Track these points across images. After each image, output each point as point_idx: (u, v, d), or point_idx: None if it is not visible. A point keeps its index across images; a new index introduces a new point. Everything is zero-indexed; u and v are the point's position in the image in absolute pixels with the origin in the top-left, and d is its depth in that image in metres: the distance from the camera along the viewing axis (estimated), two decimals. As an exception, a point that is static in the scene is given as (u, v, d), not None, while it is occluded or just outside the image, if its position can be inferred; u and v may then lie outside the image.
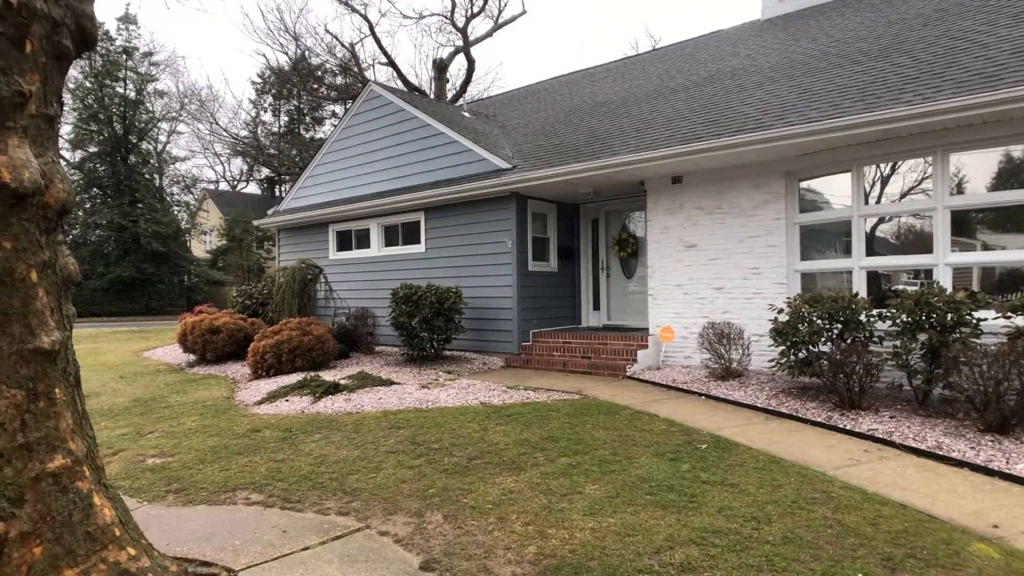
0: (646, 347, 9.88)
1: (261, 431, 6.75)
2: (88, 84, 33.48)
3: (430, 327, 10.26)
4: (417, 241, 12.59)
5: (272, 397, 8.29)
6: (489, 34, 30.13)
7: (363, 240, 13.80)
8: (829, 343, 7.49)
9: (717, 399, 7.79)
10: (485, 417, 6.95)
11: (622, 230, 12.23)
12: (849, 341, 7.38)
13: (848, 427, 6.34)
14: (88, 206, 34.58)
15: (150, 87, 36.78)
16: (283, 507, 4.70)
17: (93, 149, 34.74)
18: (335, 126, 14.11)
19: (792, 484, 4.83)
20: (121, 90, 34.89)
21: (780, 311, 7.95)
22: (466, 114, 15.21)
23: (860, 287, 8.36)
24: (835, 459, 5.49)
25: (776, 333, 7.80)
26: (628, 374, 9.38)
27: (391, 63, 30.30)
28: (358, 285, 13.64)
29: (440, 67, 29.48)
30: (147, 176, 36.63)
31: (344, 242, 14.34)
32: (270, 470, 5.47)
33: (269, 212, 15.93)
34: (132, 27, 34.44)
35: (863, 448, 5.82)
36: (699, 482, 4.89)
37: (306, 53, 33.76)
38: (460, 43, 29.72)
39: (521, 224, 11.12)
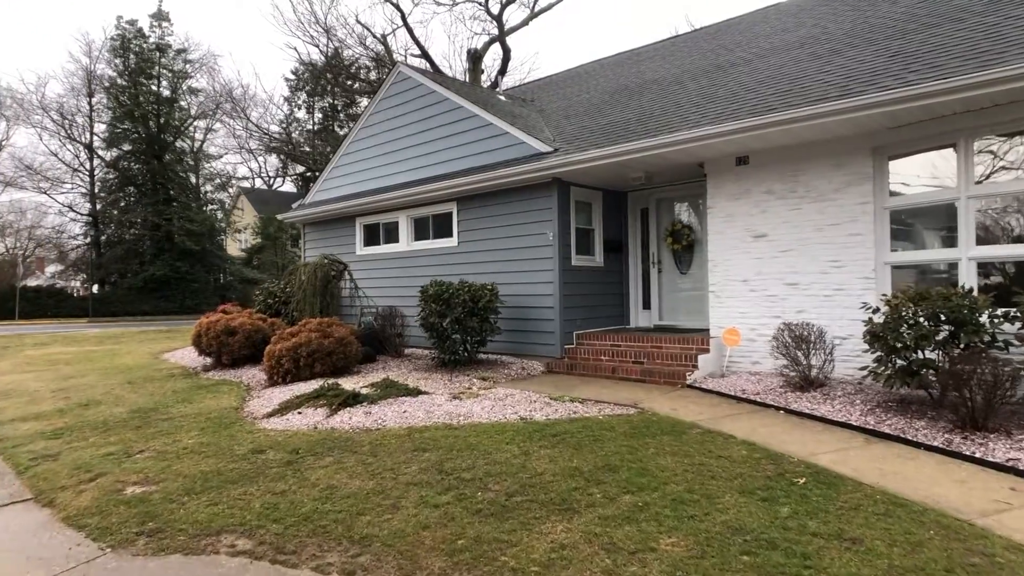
0: (707, 351, 8.68)
1: (264, 452, 5.77)
2: (122, 82, 33.35)
3: (463, 328, 9.21)
4: (449, 234, 11.57)
5: (284, 408, 7.33)
6: (525, 23, 29.05)
7: (391, 234, 12.84)
8: (937, 349, 6.22)
9: (800, 415, 6.58)
10: (526, 437, 5.86)
11: (676, 220, 11.01)
12: (963, 346, 6.11)
13: (977, 454, 5.10)
14: (122, 204, 34.53)
15: (184, 85, 36.55)
16: (273, 560, 3.70)
17: (127, 147, 34.63)
18: (361, 113, 13.23)
19: (935, 540, 3.64)
20: (155, 88, 34.71)
21: (875, 310, 6.70)
22: (501, 97, 14.15)
23: (969, 282, 7.04)
24: (975, 501, 4.28)
25: (872, 337, 6.55)
26: (688, 382, 8.20)
27: (424, 54, 29.44)
28: (386, 282, 12.68)
29: (475, 57, 28.49)
30: (181, 174, 36.44)
31: (371, 236, 13.39)
32: (266, 506, 4.47)
33: (294, 206, 15.10)
34: (165, 24, 34.26)
35: (1007, 484, 4.58)
36: (808, 534, 3.74)
37: (338, 48, 33.16)
38: (495, 32, 28.70)
39: (563, 214, 10.00)
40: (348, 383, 8.47)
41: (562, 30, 62.67)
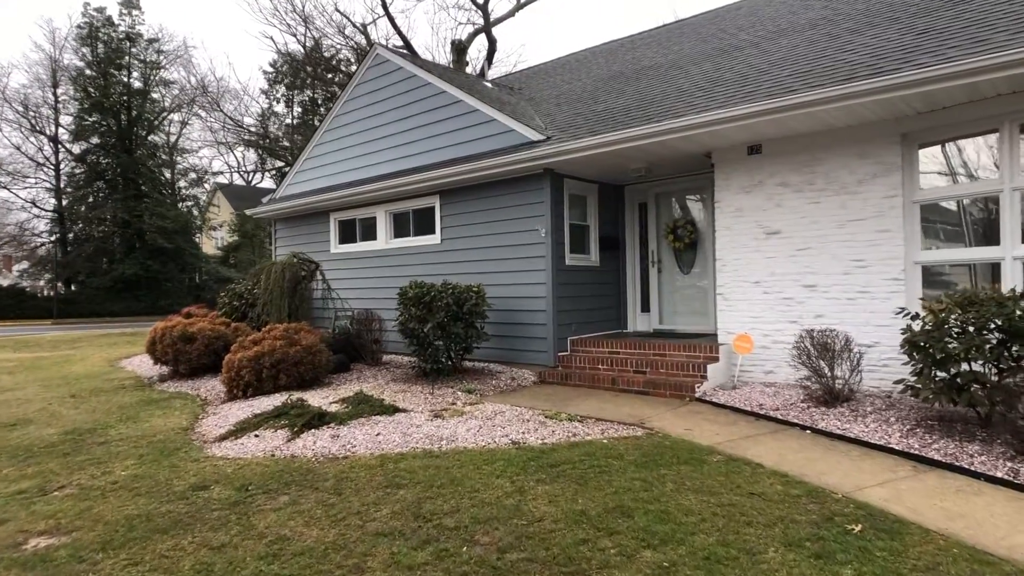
0: (716, 360, 7.85)
1: (208, 488, 4.84)
2: (90, 73, 31.95)
3: (446, 334, 8.31)
4: (431, 231, 10.65)
5: (239, 430, 6.39)
6: (511, 13, 28.10)
7: (368, 230, 11.89)
8: (987, 362, 5.43)
9: (830, 435, 5.77)
10: (520, 468, 4.97)
11: (678, 217, 10.18)
12: (1016, 358, 5.33)
13: (1054, 489, 4.31)
14: (90, 200, 33.11)
15: (157, 76, 35.19)
16: (195, 656, 2.79)
17: (96, 141, 33.21)
18: (335, 100, 12.26)
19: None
20: (125, 79, 33.33)
21: (914, 316, 5.90)
22: (487, 84, 13.24)
23: (1015, 283, 6.27)
24: (1080, 556, 3.48)
25: (912, 347, 5.76)
26: (697, 395, 7.36)
27: (406, 45, 28.41)
28: (363, 283, 11.73)
29: (459, 48, 27.49)
30: (154, 169, 35.07)
31: (347, 233, 12.43)
32: (198, 568, 3.55)
33: (264, 200, 14.09)
34: (136, 12, 32.86)
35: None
36: (888, 613, 2.90)
37: (318, 40, 32.03)
38: (480, 22, 27.74)
39: (556, 208, 9.13)
40: (316, 398, 7.54)
41: (549, 22, 61.58)
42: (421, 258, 10.69)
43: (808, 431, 5.96)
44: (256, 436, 6.16)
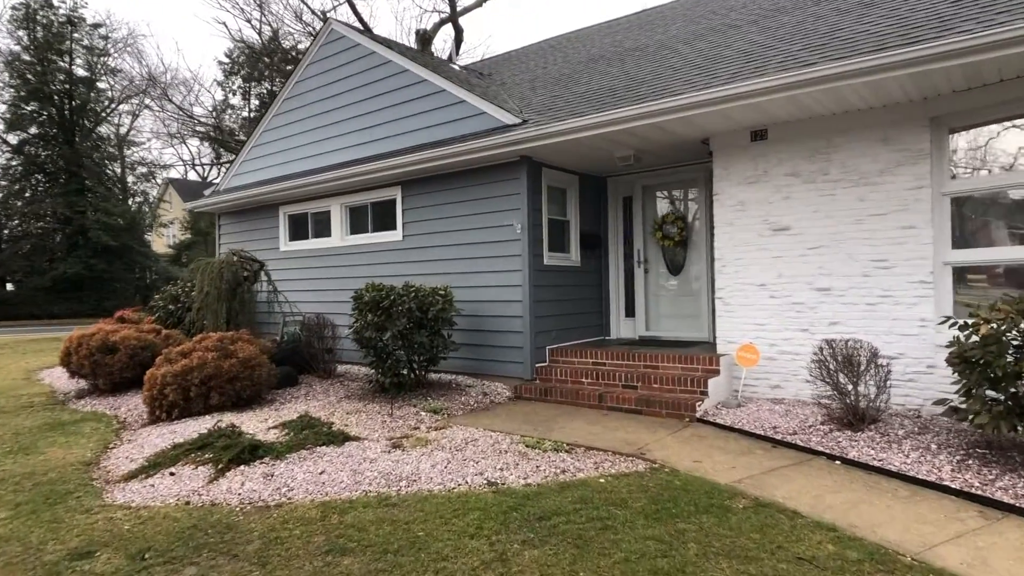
0: (717, 373, 6.91)
1: (93, 556, 3.67)
2: (27, 58, 29.83)
3: (408, 344, 7.22)
4: (392, 226, 9.51)
5: (152, 466, 5.19)
6: (478, 3, 26.97)
7: (322, 226, 10.69)
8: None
9: (866, 467, 4.86)
10: (500, 523, 3.91)
11: (667, 212, 9.22)
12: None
13: None
14: (28, 195, 30.94)
15: (102, 63, 33.12)
16: None
17: (34, 131, 31.05)
18: (283, 82, 11.00)
19: None
20: (66, 65, 31.23)
21: (962, 326, 5.01)
22: (454, 67, 12.14)
23: (1067, 288, 5.44)
24: None
25: (963, 363, 4.86)
26: (698, 415, 6.40)
27: (368, 33, 27.08)
28: (316, 284, 10.53)
29: (424, 39, 26.27)
30: (99, 163, 32.99)
31: (298, 229, 11.21)
32: None
33: (206, 192, 12.75)
34: (77, -7, 30.76)
35: None
36: None
37: (276, 30, 30.51)
38: (446, 12, 26.58)
39: (534, 201, 8.10)
40: (253, 421, 6.37)
41: (517, 15, 60.04)
42: (381, 256, 9.55)
43: (838, 461, 5.04)
44: (171, 475, 4.98)
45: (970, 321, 4.97)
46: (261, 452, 5.19)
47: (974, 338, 4.94)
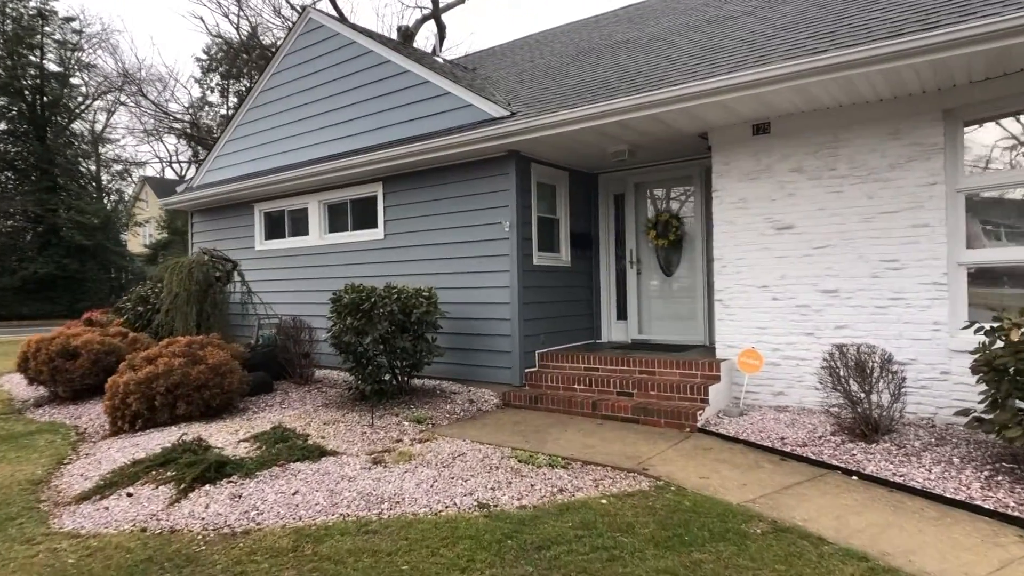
0: (718, 380, 6.54)
1: (25, 599, 3.20)
2: (-4, 51, 28.90)
3: (390, 349, 6.77)
4: (373, 224, 9.05)
5: (108, 485, 4.71)
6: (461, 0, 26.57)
7: (300, 224, 10.20)
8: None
9: (886, 484, 4.51)
10: (494, 553, 3.49)
11: (661, 210, 8.85)
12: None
13: None
14: (-4, 192, 29.95)
15: (75, 58, 32.20)
16: None
17: (4, 126, 30.09)
18: (261, 72, 10.49)
19: None
20: (37, 59, 30.30)
21: (988, 331, 4.68)
22: (438, 59, 11.70)
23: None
24: None
25: (991, 371, 4.53)
26: (699, 424, 6.02)
27: (349, 29, 26.52)
28: (293, 285, 10.04)
29: (406, 35, 25.73)
30: (70, 159, 32.05)
31: (275, 227, 10.70)
32: None
33: (179, 189, 12.20)
34: (48, -14, 29.86)
35: None
36: None
37: (255, 27, 29.87)
38: (429, 8, 26.11)
39: (523, 198, 7.69)
40: (223, 433, 5.89)
41: (501, 13, 59.37)
42: (361, 256, 9.09)
43: (854, 477, 4.69)
44: (129, 495, 4.50)
45: (995, 325, 4.64)
46: (229, 469, 4.73)
47: (998, 343, 4.63)
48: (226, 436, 5.78)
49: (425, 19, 26.47)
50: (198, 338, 7.07)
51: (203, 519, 4.07)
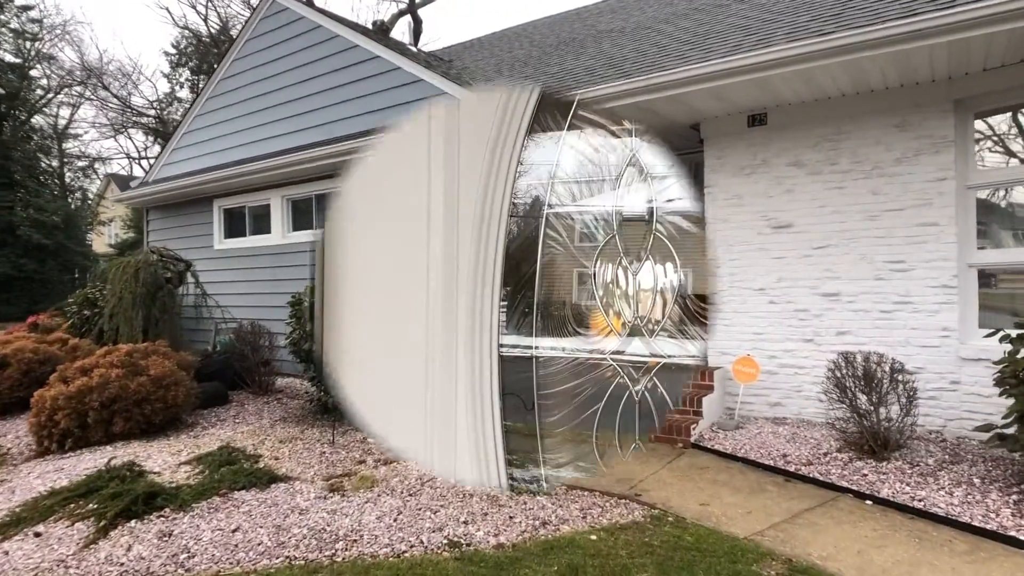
0: (711, 390, 6.05)
1: None
2: (-54, 40, 27.62)
3: (355, 358, 6.16)
4: (340, 222, 8.42)
5: (14, 523, 4.05)
6: (438, -6, 25.98)
7: (261, 221, 9.54)
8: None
9: (904, 509, 4.03)
10: (466, 609, 2.93)
11: (644, 207, 8.35)
12: None
13: None
14: (-54, 189, 28.62)
15: (34, 48, 30.96)
16: None
17: (-46, 120, 28.82)
18: (221, 58, 9.84)
19: None
20: (-12, 49, 29.06)
21: (1013, 340, 4.23)
22: (412, 48, 11.10)
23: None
24: None
25: (1019, 383, 4.08)
26: (693, 439, 5.52)
27: (322, 24, 25.78)
28: (254, 287, 9.37)
29: (381, 30, 25.04)
30: (28, 155, 30.80)
31: (235, 224, 10.02)
32: None
33: (133, 184, 11.46)
34: (1, -30, 28.61)
35: None
36: None
37: (226, 22, 29.02)
38: (405, 2, 25.49)
39: (500, 193, 7.12)
40: (164, 453, 5.25)
41: (478, 10, 58.56)
42: (327, 256, 8.45)
43: (869, 502, 4.20)
44: (37, 535, 3.85)
45: (1021, 333, 4.20)
46: (160, 501, 4.10)
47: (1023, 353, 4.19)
48: (166, 458, 5.14)
49: (401, 14, 25.88)
50: (141, 346, 6.41)
51: (122, 565, 3.45)
